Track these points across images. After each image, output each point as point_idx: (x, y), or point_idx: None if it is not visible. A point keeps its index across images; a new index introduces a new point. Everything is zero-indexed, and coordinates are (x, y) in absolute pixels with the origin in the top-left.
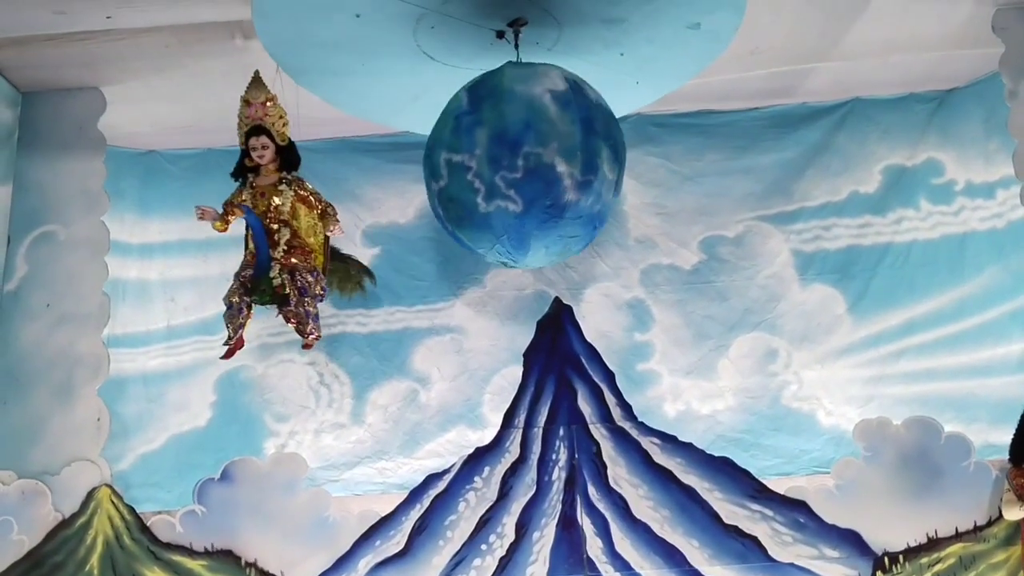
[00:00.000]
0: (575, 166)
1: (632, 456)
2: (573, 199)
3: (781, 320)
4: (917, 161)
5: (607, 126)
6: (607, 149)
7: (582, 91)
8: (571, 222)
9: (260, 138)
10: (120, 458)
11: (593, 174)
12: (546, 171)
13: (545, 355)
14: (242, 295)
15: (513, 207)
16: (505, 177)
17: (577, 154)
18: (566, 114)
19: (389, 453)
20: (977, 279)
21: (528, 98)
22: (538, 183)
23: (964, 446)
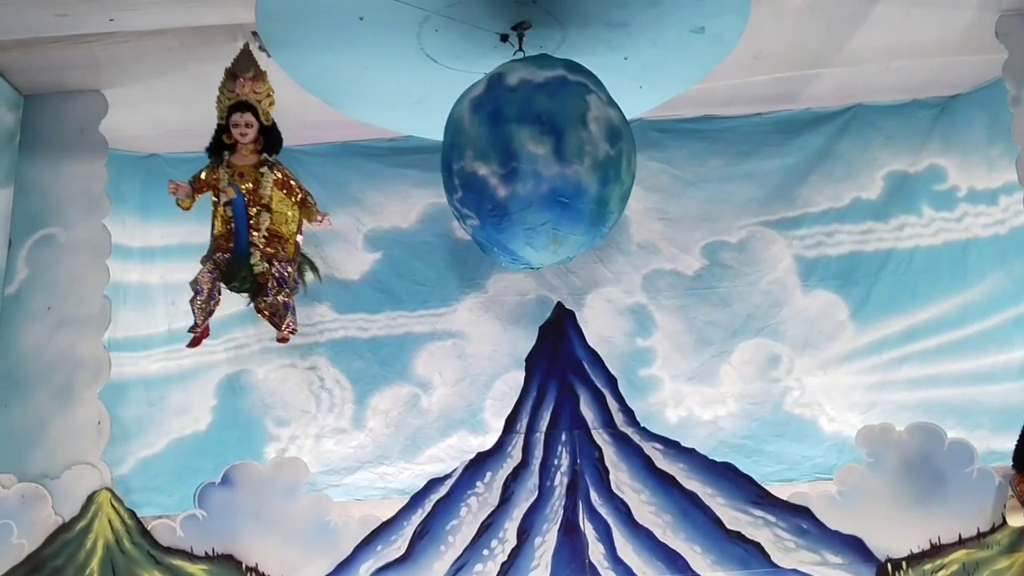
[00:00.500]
0: (492, 163)
1: (634, 461)
2: (507, 193)
3: (784, 326)
4: (920, 167)
5: (523, 105)
6: (525, 128)
7: (500, 82)
8: (525, 213)
9: (245, 115)
10: (120, 462)
11: (514, 160)
12: (472, 179)
13: (547, 360)
14: (215, 280)
15: (475, 222)
16: (455, 199)
17: (489, 151)
18: (475, 117)
19: (390, 458)
20: (980, 285)
21: (454, 117)
22: (473, 194)
23: (967, 452)
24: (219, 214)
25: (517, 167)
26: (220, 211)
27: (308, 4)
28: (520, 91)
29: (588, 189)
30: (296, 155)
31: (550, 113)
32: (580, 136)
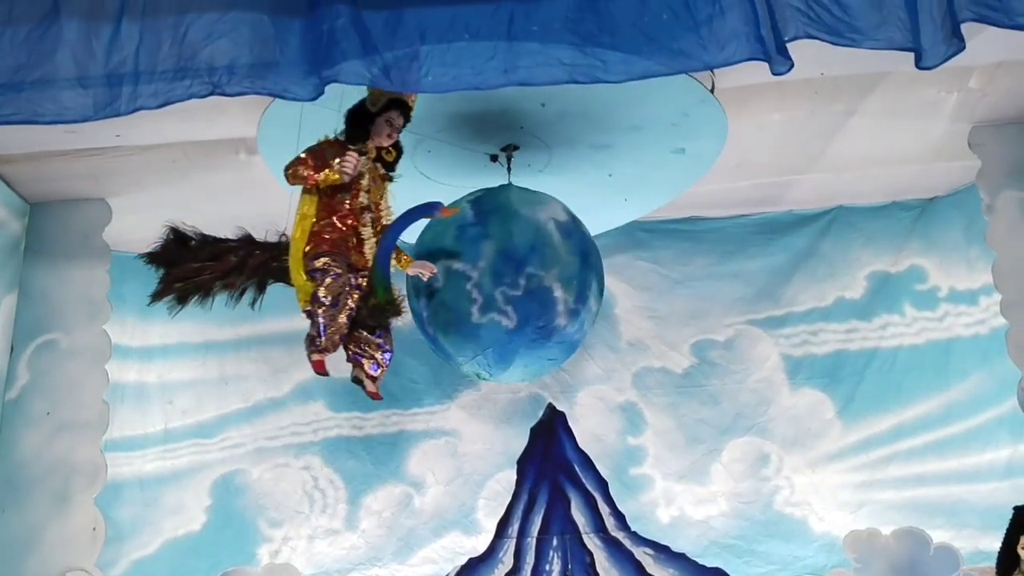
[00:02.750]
0: (570, 294)
1: (626, 567)
2: (562, 324)
3: (772, 424)
4: (901, 268)
5: (598, 261)
6: (596, 283)
7: (580, 225)
8: (555, 346)
9: (400, 118)
10: (114, 564)
11: (583, 304)
12: (544, 294)
13: (539, 462)
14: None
15: (507, 322)
16: (505, 293)
17: (573, 283)
18: (568, 243)
19: (383, 560)
20: (963, 384)
21: (535, 222)
22: (535, 304)
23: (952, 558)
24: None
25: (580, 310)
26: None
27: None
28: (595, 246)
29: (581, 345)
30: None
31: (601, 281)
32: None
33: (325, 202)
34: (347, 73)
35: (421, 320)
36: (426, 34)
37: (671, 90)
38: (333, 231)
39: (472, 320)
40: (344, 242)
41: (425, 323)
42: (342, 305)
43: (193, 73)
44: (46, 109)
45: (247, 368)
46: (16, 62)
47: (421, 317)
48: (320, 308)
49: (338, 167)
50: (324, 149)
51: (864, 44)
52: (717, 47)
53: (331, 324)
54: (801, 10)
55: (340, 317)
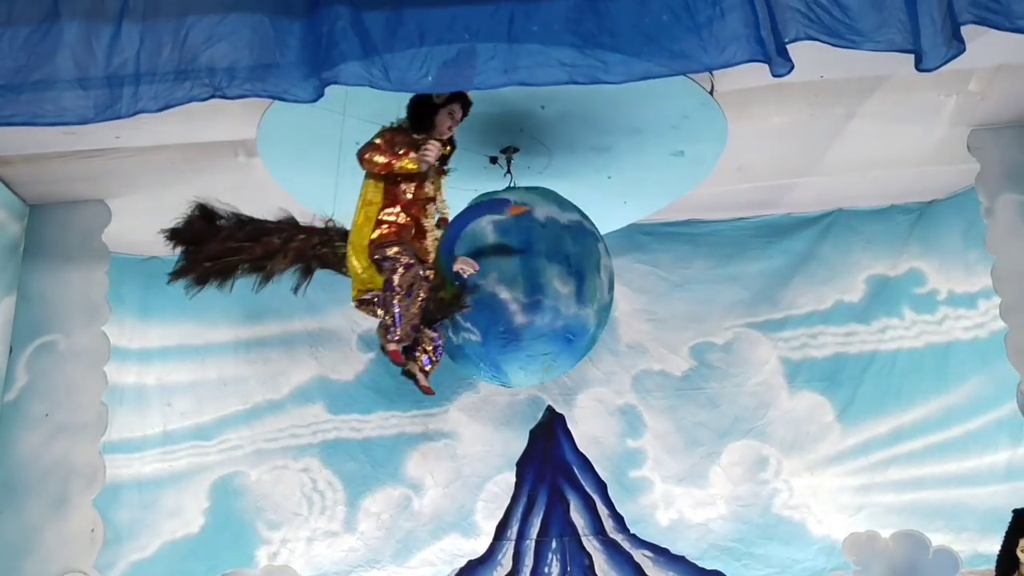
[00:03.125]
0: (517, 291)
1: (624, 569)
2: (524, 322)
3: (771, 427)
4: (900, 271)
5: (554, 243)
6: (555, 266)
7: (527, 213)
8: (534, 342)
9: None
10: (112, 566)
11: (540, 294)
12: (490, 301)
13: (538, 465)
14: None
15: (474, 337)
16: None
17: (518, 279)
18: (504, 240)
19: (381, 562)
20: (962, 388)
21: (472, 233)
22: (486, 312)
23: (951, 560)
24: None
25: (541, 300)
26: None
27: (307, 131)
28: (549, 228)
29: (589, 330)
30: None
31: (576, 257)
32: (595, 282)
33: (389, 190)
34: (347, 74)
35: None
36: (426, 35)
37: (671, 93)
38: (399, 220)
39: (455, 343)
40: (408, 232)
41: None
42: (415, 296)
43: (194, 75)
44: (46, 111)
45: (246, 370)
46: (16, 64)
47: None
48: (396, 297)
49: (419, 156)
50: (393, 136)
51: (864, 46)
52: (717, 49)
53: (406, 313)
54: (801, 12)
55: (413, 308)
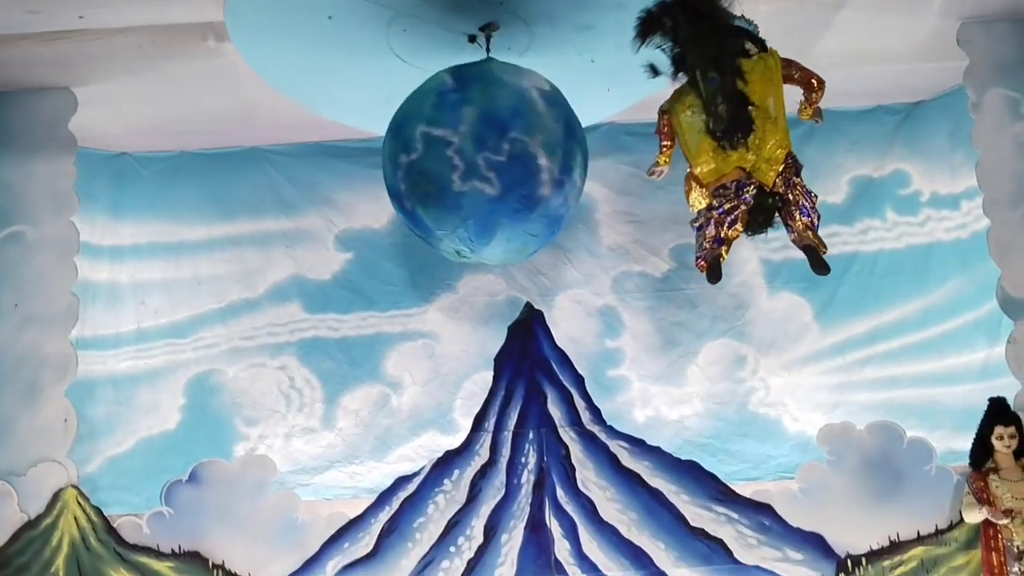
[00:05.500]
0: (555, 162)
1: (600, 459)
2: (547, 194)
3: (749, 327)
4: (884, 172)
5: (583, 136)
6: (581, 155)
7: (563, 98)
8: (539, 219)
9: None
10: (88, 461)
11: (567, 175)
12: (529, 160)
13: (516, 360)
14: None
15: (490, 190)
16: (488, 159)
17: (558, 151)
18: (551, 111)
19: (360, 457)
20: (941, 289)
21: (518, 88)
22: (519, 171)
23: (926, 451)
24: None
25: (564, 182)
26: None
27: (277, 2)
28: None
29: (564, 223)
30: (268, 155)
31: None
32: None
33: None
34: None
35: (400, 196)
36: None
37: None
38: None
39: (453, 188)
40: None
41: (404, 197)
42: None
43: None
44: None
45: (220, 269)
46: None
47: (400, 192)
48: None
49: None
50: None
51: None
52: None
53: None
54: None
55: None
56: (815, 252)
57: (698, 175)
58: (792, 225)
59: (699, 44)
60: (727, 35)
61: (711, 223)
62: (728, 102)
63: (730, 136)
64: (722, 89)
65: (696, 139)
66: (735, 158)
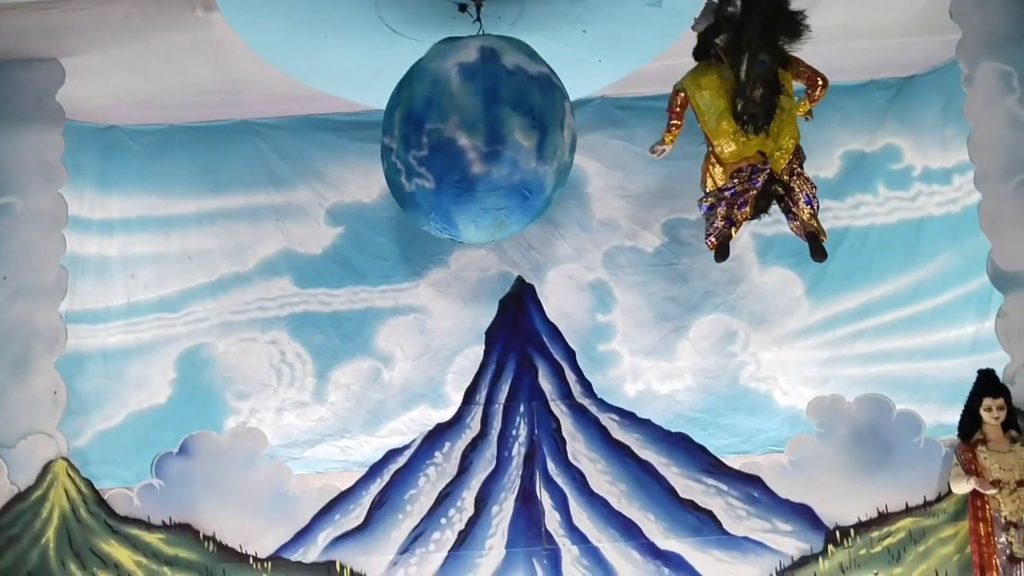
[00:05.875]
0: (478, 137)
1: (591, 432)
2: (481, 171)
3: (740, 302)
4: (876, 147)
5: (520, 93)
6: (518, 116)
7: (495, 59)
8: (489, 194)
9: None
10: (78, 434)
11: (500, 144)
12: (448, 146)
13: (507, 333)
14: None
15: (428, 184)
16: (415, 155)
17: (479, 126)
18: (468, 86)
19: (351, 431)
20: (932, 263)
21: (435, 74)
22: (443, 158)
23: (915, 423)
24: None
25: (501, 151)
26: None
27: None
28: (517, 77)
29: (546, 189)
30: (258, 128)
31: (541, 110)
32: (556, 139)
33: None
34: None
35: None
36: None
37: None
38: None
39: (406, 190)
40: None
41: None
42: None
43: None
44: None
45: (210, 243)
46: None
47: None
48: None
49: None
50: None
51: None
52: None
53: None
54: None
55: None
56: (817, 239)
57: (720, 155)
58: (796, 213)
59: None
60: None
61: (723, 203)
62: (765, 87)
63: (756, 121)
64: (765, 73)
65: (716, 120)
66: (755, 143)
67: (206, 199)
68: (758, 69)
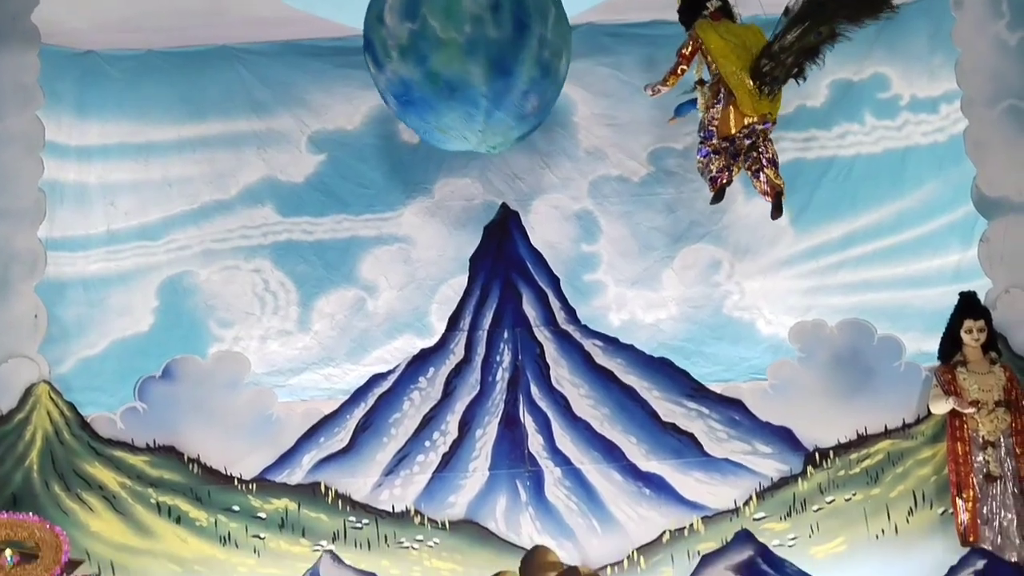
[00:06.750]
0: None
1: (574, 357)
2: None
3: (725, 232)
4: (864, 75)
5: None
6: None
7: None
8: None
9: None
10: (61, 362)
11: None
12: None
13: (491, 260)
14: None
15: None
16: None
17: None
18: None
19: (336, 360)
20: (917, 193)
21: None
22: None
23: (895, 347)
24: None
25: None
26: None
27: None
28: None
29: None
30: (238, 53)
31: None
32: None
33: None
34: None
35: None
36: None
37: None
38: None
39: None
40: None
41: None
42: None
43: None
44: None
45: (191, 170)
46: None
47: None
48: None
49: None
50: None
51: None
52: None
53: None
54: None
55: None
56: (781, 197)
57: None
58: (766, 173)
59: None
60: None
61: (724, 153)
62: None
63: (776, 85)
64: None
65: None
66: (765, 104)
67: (186, 126)
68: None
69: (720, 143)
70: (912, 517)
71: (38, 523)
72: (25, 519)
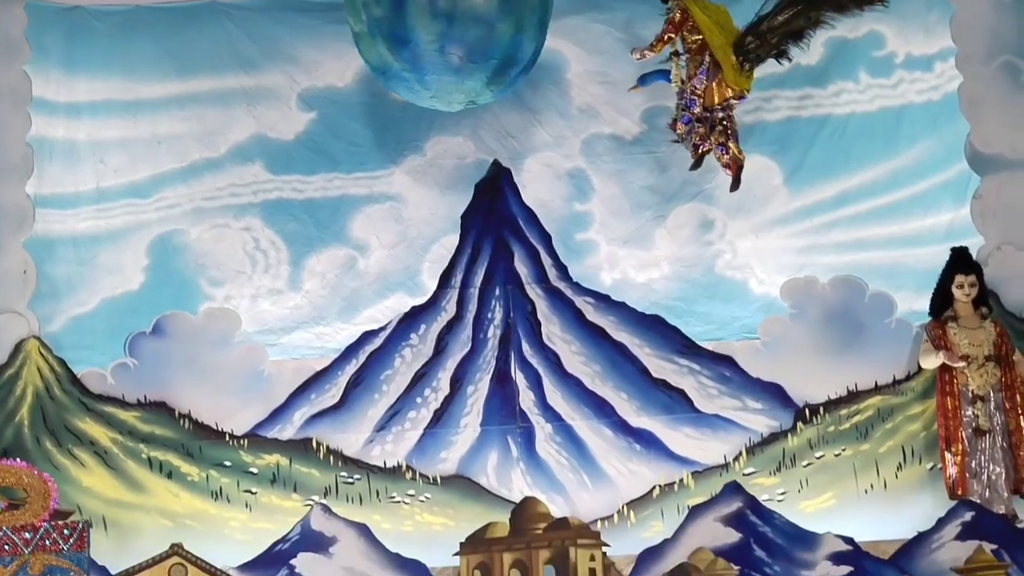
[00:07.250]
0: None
1: (566, 314)
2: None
3: (718, 191)
4: (859, 33)
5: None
6: None
7: None
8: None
9: None
10: (51, 319)
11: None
12: None
13: (483, 217)
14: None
15: None
16: None
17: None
18: None
19: (327, 319)
20: (911, 151)
21: None
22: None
23: (887, 304)
24: None
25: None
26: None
27: None
28: None
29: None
30: (227, 9)
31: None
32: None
33: None
34: None
35: None
36: None
37: None
38: None
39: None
40: None
41: None
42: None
43: None
44: None
45: (180, 127)
46: None
47: None
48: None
49: None
50: None
51: None
52: None
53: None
54: None
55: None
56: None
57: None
58: (732, 148)
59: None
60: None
61: (705, 122)
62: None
63: (757, 63)
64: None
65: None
66: (744, 80)
67: (174, 82)
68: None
69: (702, 112)
70: (901, 472)
71: (26, 469)
72: (12, 465)
